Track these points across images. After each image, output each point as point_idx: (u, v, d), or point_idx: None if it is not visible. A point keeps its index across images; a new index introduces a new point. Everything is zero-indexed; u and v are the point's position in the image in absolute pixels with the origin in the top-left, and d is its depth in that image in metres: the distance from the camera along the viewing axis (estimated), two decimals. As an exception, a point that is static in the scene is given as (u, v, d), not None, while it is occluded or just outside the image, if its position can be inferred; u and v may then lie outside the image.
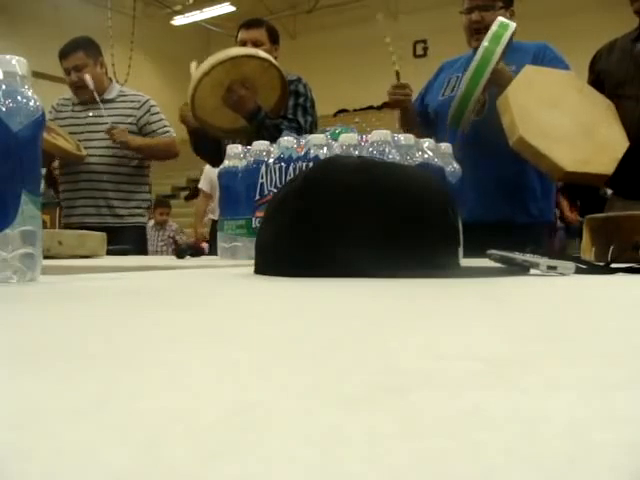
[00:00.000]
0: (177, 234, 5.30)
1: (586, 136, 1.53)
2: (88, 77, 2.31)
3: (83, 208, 2.38)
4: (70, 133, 2.38)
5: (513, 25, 1.63)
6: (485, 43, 1.59)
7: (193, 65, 1.86)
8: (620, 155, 1.54)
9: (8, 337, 0.28)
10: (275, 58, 2.13)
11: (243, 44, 2.11)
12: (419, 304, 0.44)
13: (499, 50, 1.57)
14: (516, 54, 1.82)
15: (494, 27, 1.61)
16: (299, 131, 1.90)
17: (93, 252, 1.31)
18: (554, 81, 1.61)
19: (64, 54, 2.36)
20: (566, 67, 1.79)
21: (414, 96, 1.98)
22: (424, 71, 1.96)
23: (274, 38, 2.18)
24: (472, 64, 1.59)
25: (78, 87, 2.37)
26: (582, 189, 1.87)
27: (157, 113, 2.45)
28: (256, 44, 2.10)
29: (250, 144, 1.29)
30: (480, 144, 1.72)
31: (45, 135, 2.10)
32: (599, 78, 1.81)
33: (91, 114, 2.40)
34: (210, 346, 0.25)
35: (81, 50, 2.35)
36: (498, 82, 1.64)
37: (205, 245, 2.06)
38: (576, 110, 1.56)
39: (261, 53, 1.87)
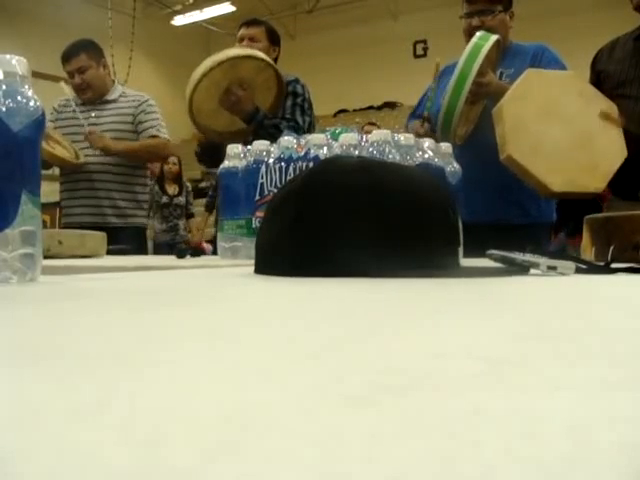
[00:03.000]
0: None
1: (581, 148, 1.50)
2: (63, 84, 2.34)
3: (83, 208, 2.38)
4: (71, 134, 2.38)
5: (494, 37, 1.63)
6: (463, 58, 1.58)
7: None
8: (615, 168, 1.51)
9: (8, 337, 0.28)
10: (275, 59, 2.14)
11: (241, 40, 2.15)
12: (419, 304, 0.44)
13: (477, 64, 1.56)
14: (515, 56, 1.82)
15: (474, 39, 1.62)
16: (298, 131, 1.91)
17: (93, 252, 1.31)
18: (555, 85, 1.58)
19: (66, 57, 2.36)
20: (563, 68, 1.79)
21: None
22: (424, 71, 1.96)
23: (273, 39, 2.19)
24: (451, 81, 1.59)
25: (81, 89, 2.38)
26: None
27: (151, 112, 2.43)
28: (253, 40, 2.13)
29: (250, 144, 1.29)
30: (479, 146, 1.72)
31: (43, 144, 2.10)
32: (600, 78, 1.81)
33: (93, 114, 2.40)
34: (210, 346, 0.25)
35: (83, 52, 2.35)
36: (488, 94, 1.64)
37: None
38: (575, 118, 1.53)
39: (257, 53, 1.87)
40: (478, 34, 1.63)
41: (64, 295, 0.50)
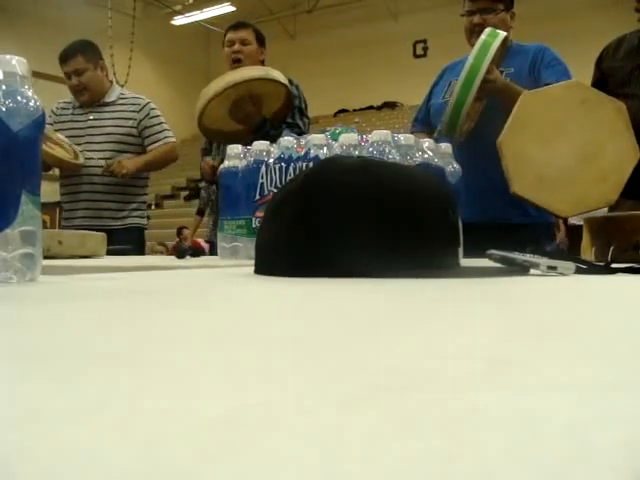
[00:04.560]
0: None
1: (589, 161, 1.48)
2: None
3: (85, 211, 2.38)
4: (71, 137, 2.38)
5: (503, 34, 1.63)
6: (473, 54, 1.58)
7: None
8: (627, 175, 1.48)
9: (8, 337, 0.28)
10: (262, 61, 2.17)
11: (231, 44, 2.16)
12: (419, 304, 0.44)
13: (487, 60, 1.56)
14: (516, 56, 1.82)
15: (483, 36, 1.61)
16: (300, 134, 1.92)
17: (93, 252, 1.31)
18: (553, 102, 1.55)
19: (64, 59, 2.36)
20: (565, 68, 1.79)
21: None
22: (424, 71, 1.96)
23: (261, 41, 2.22)
24: (461, 76, 1.59)
25: (78, 91, 2.38)
26: None
27: (157, 116, 2.44)
28: (244, 43, 2.16)
29: (250, 144, 1.30)
30: (478, 145, 1.72)
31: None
32: (604, 76, 1.80)
33: (92, 117, 2.40)
34: (210, 346, 0.25)
35: (80, 54, 2.35)
36: (493, 91, 1.64)
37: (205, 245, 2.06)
38: (578, 131, 1.51)
39: (272, 74, 1.90)
40: (487, 30, 1.63)
41: (64, 295, 0.50)
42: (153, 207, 10.20)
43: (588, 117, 1.53)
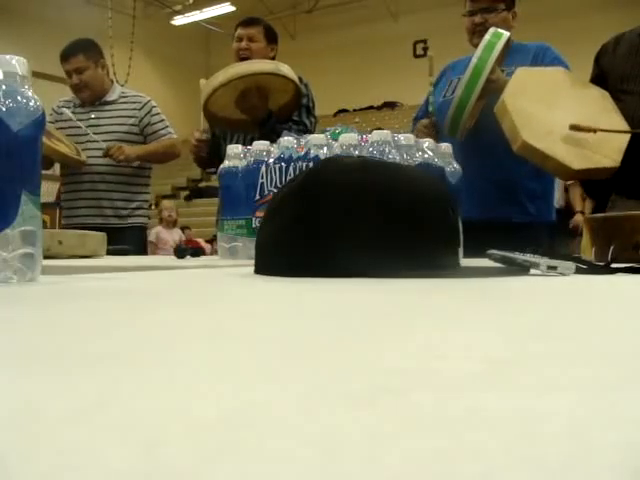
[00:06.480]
0: None
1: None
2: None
3: (85, 209, 2.39)
4: (72, 135, 2.38)
5: (507, 34, 1.64)
6: (477, 54, 1.59)
7: (202, 82, 1.92)
8: (625, 143, 1.52)
9: (8, 337, 0.28)
10: (272, 57, 2.17)
11: (240, 40, 2.17)
12: (419, 304, 0.44)
13: (491, 61, 1.57)
14: (517, 55, 1.82)
15: (487, 36, 1.62)
16: (306, 133, 1.92)
17: (93, 252, 1.31)
18: (546, 79, 1.60)
19: (64, 57, 2.37)
20: (566, 67, 1.79)
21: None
22: (424, 71, 1.96)
23: (271, 38, 2.22)
24: (464, 76, 1.59)
25: (78, 89, 2.39)
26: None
27: (158, 114, 2.45)
28: (252, 40, 2.17)
29: (251, 144, 1.30)
30: (477, 144, 1.72)
31: (45, 140, 2.11)
32: (603, 73, 1.80)
33: (93, 116, 2.41)
34: (210, 346, 0.25)
35: (81, 53, 2.36)
36: (494, 91, 1.64)
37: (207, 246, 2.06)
38: (574, 104, 1.55)
39: (281, 70, 1.90)
40: (491, 31, 1.64)
41: (64, 295, 0.50)
42: (153, 207, 10.20)
43: (579, 95, 1.58)
